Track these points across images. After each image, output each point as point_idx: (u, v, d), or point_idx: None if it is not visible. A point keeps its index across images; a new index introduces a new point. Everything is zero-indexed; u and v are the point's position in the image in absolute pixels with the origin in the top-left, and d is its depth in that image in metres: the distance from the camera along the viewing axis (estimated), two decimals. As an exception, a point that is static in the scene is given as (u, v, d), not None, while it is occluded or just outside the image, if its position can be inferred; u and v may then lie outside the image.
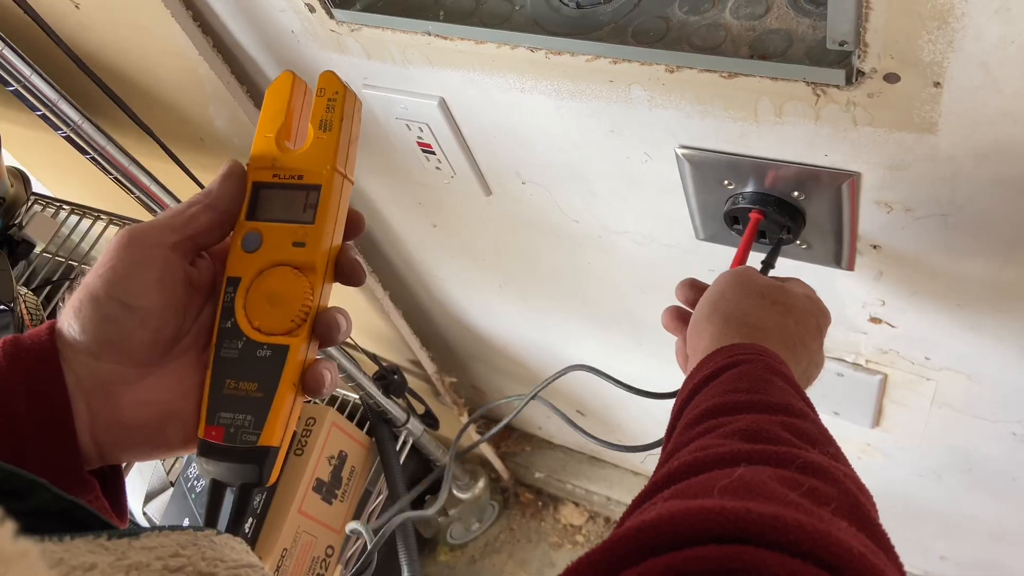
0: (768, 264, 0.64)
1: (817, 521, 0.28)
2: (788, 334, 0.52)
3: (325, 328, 0.42)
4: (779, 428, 0.39)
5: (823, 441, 0.39)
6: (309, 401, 1.13)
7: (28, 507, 0.30)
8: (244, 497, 0.41)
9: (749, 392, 0.42)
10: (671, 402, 0.51)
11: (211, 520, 0.41)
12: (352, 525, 1.07)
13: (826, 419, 0.46)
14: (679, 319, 0.59)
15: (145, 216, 0.97)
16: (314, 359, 0.43)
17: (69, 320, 0.38)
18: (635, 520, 0.30)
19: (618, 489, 1.61)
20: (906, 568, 0.32)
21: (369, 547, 0.91)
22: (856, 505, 0.33)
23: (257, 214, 0.43)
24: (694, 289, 0.60)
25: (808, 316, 0.55)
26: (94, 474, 0.39)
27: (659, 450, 0.45)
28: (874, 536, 0.31)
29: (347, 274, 0.44)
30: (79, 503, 0.32)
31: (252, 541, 1.05)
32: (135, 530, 0.31)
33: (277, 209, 0.42)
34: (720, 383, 0.44)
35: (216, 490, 0.41)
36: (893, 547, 0.32)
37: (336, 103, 0.43)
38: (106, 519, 0.32)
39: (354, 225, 0.45)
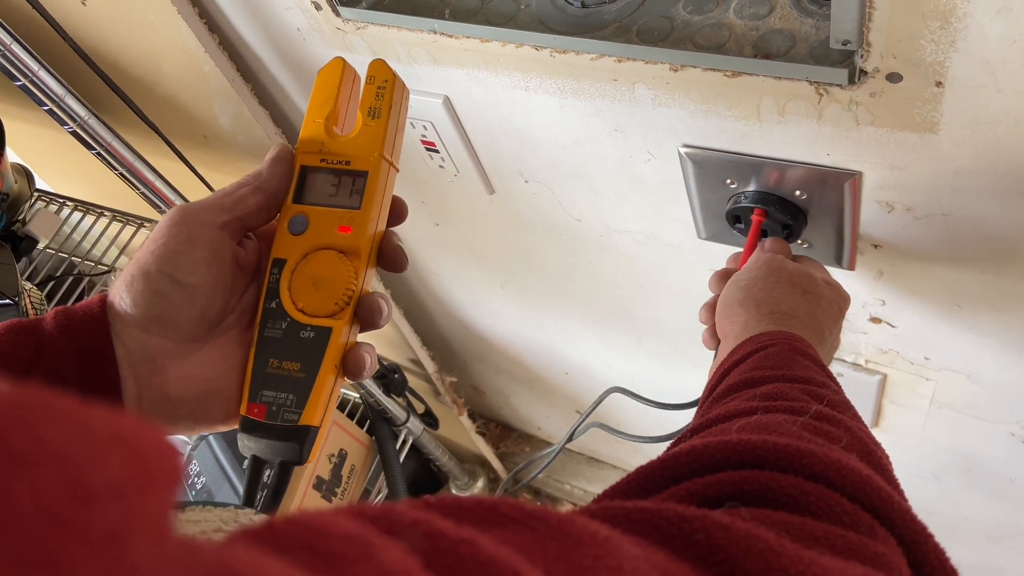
0: None
1: (828, 451, 0.30)
2: (816, 321, 0.54)
3: (368, 312, 0.42)
4: (799, 392, 0.40)
5: (842, 407, 0.41)
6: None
7: None
8: (283, 474, 0.41)
9: (774, 368, 0.44)
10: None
11: (250, 495, 0.42)
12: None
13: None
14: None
15: (149, 213, 0.98)
16: (355, 342, 0.43)
17: (120, 293, 0.39)
18: (658, 457, 0.32)
19: (617, 490, 1.61)
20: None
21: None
22: (868, 452, 0.35)
23: (304, 198, 0.43)
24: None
25: (832, 303, 0.57)
26: None
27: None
28: (885, 478, 0.33)
29: (390, 260, 0.44)
30: None
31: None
32: (181, 503, 0.32)
33: (324, 193, 0.43)
34: (747, 364, 0.46)
35: (256, 467, 0.42)
36: (903, 492, 0.34)
37: (385, 91, 0.44)
38: None
39: (398, 212, 0.45)
